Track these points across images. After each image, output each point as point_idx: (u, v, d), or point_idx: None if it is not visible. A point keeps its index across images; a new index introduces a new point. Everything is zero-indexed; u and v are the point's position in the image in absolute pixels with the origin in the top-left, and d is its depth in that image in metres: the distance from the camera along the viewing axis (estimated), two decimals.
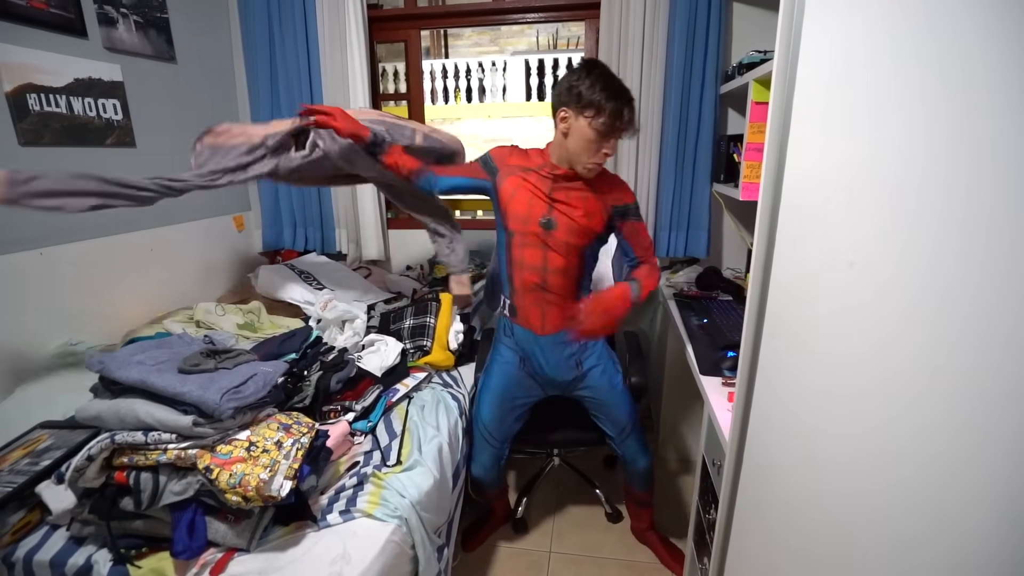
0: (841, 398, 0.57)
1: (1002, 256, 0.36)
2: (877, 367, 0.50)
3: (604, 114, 1.22)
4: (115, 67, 1.86)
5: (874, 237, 0.51)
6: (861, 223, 0.53)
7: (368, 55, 2.38)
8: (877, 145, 0.51)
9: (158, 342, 1.18)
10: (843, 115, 0.57)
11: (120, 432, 0.96)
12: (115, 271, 1.88)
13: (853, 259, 0.53)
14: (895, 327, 0.48)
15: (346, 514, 1.08)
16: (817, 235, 0.62)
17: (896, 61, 0.48)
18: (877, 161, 0.51)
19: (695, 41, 2.08)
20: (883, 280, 0.50)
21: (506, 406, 1.53)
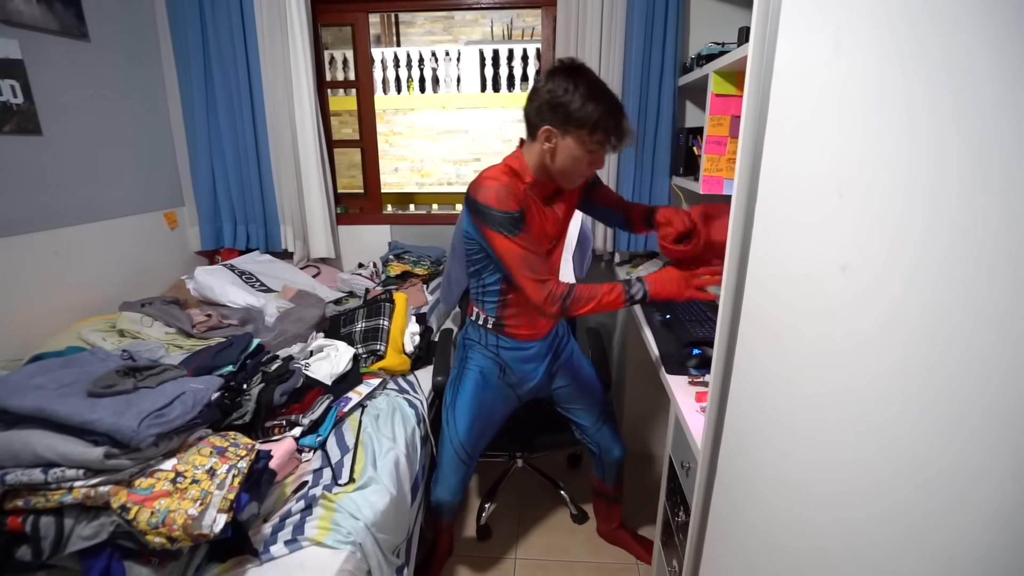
0: (824, 401, 0.53)
1: (996, 255, 0.33)
2: (860, 369, 0.46)
3: (599, 132, 1.09)
4: (11, 43, 1.64)
5: (865, 237, 0.47)
6: (851, 222, 0.48)
7: (312, 38, 2.22)
8: (868, 140, 0.46)
9: (65, 360, 1.03)
10: (830, 106, 0.52)
11: (13, 471, 0.82)
12: (18, 276, 1.66)
13: (846, 262, 0.48)
14: (881, 328, 0.44)
15: (292, 543, 0.98)
16: (802, 233, 0.57)
17: (896, 45, 0.43)
18: (869, 157, 0.46)
19: (654, 32, 2.05)
20: (871, 281, 0.46)
21: (485, 420, 1.44)
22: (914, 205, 0.41)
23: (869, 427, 0.46)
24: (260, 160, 2.32)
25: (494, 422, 1.48)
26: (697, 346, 1.40)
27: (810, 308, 0.56)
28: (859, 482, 0.48)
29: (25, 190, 1.70)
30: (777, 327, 0.64)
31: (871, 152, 0.46)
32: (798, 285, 0.58)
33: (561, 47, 2.13)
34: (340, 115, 6.62)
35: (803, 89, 0.58)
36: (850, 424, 0.49)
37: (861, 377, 0.47)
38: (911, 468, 0.41)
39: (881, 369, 0.44)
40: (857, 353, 0.47)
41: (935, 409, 0.39)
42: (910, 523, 0.41)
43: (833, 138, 0.52)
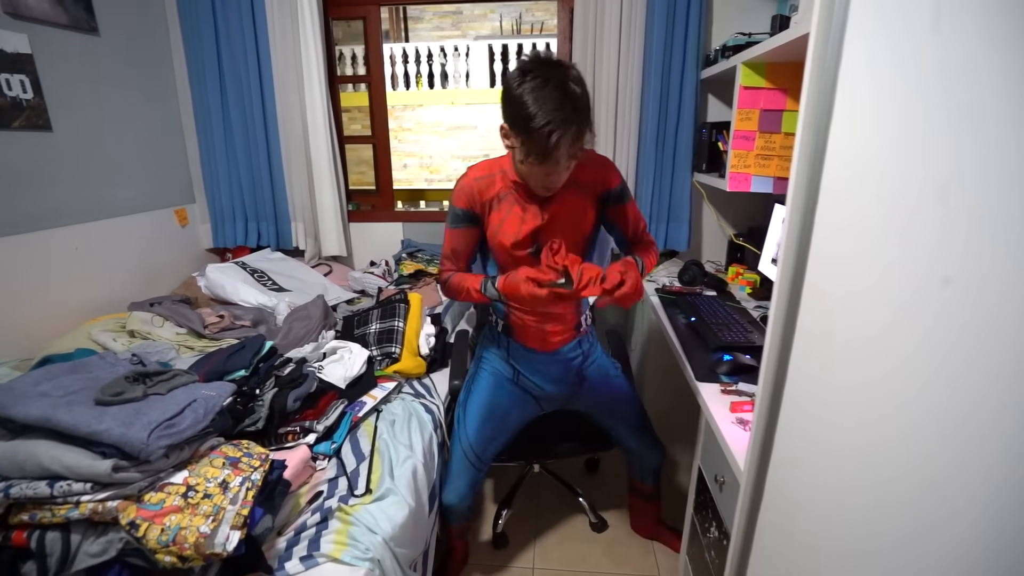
0: (896, 431, 0.47)
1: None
2: (949, 399, 0.40)
3: (532, 138, 0.98)
4: (21, 36, 1.60)
5: (972, 245, 0.41)
6: (956, 231, 0.42)
7: (323, 32, 2.17)
8: (976, 137, 0.40)
9: (72, 365, 0.98)
10: (920, 98, 0.46)
11: (17, 483, 0.77)
12: (30, 274, 1.64)
13: (947, 274, 0.42)
14: (980, 350, 0.38)
15: (308, 560, 0.93)
16: (888, 240, 0.51)
17: (1014, 20, 0.37)
18: (973, 154, 0.40)
19: (675, 23, 1.98)
20: (976, 295, 0.40)
21: (497, 423, 1.39)
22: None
23: (972, 468, 0.40)
24: (271, 156, 2.28)
25: (508, 425, 1.42)
26: (727, 351, 1.34)
27: (895, 325, 0.49)
28: (941, 519, 0.42)
29: (35, 187, 1.67)
30: (846, 343, 0.58)
31: (975, 149, 0.40)
32: (880, 299, 0.52)
33: (578, 40, 2.07)
34: (349, 111, 6.58)
35: (883, 74, 0.52)
36: (945, 465, 0.43)
37: (957, 408, 0.41)
38: (1001, 499, 0.35)
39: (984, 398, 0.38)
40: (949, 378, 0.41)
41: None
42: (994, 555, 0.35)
43: (927, 131, 0.45)
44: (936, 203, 0.44)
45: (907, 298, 0.47)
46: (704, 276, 1.93)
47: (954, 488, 0.43)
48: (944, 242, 0.43)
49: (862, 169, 0.56)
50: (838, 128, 0.60)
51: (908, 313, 0.47)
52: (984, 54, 0.40)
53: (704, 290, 1.87)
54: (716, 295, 1.81)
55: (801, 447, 0.69)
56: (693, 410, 1.28)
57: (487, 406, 1.38)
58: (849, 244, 0.58)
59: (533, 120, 0.96)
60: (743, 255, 2.08)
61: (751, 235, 2.04)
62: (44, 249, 1.68)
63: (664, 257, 2.28)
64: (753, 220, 2.17)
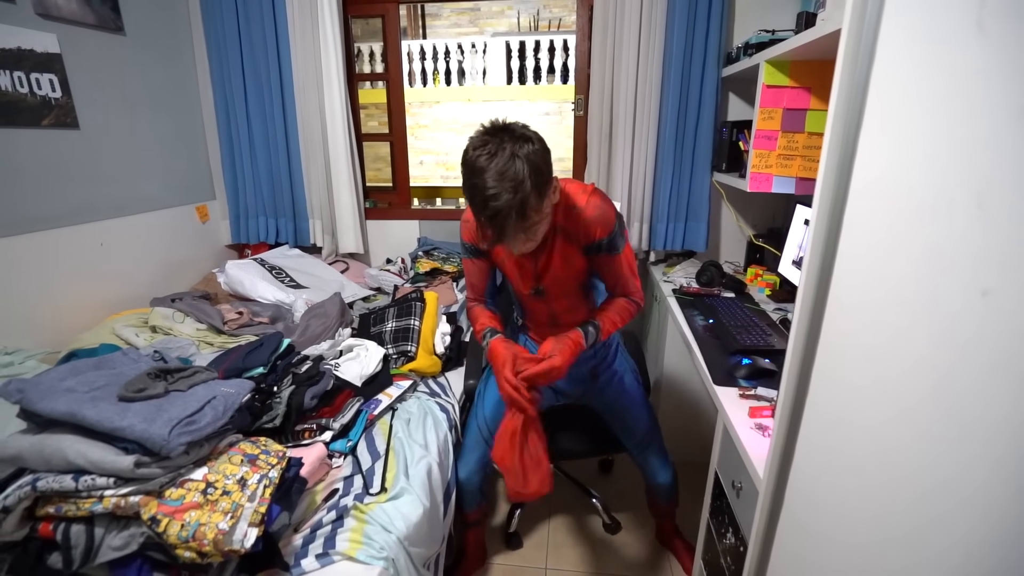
0: (922, 446, 0.45)
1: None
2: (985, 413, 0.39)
3: (480, 223, 0.99)
4: (50, 36, 1.64)
5: (1012, 257, 0.39)
6: (995, 240, 0.40)
7: (342, 30, 2.18)
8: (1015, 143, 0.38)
9: (97, 361, 1.01)
10: (967, 98, 0.44)
11: (44, 476, 0.79)
12: (60, 269, 1.68)
13: (987, 286, 0.40)
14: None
15: (324, 558, 0.94)
16: (922, 251, 0.49)
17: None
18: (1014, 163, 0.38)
19: (696, 20, 1.95)
20: (1016, 308, 0.38)
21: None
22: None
23: (1003, 480, 0.38)
24: (290, 154, 2.30)
25: None
26: (746, 355, 1.32)
27: (927, 338, 0.48)
28: (967, 536, 0.40)
29: (63, 184, 1.71)
30: (874, 355, 0.57)
31: (1015, 154, 0.38)
32: (912, 311, 0.50)
33: (598, 37, 2.05)
34: (367, 108, 6.60)
35: (921, 73, 0.50)
36: (976, 475, 0.41)
37: (990, 423, 0.39)
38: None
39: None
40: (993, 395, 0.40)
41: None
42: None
43: (968, 137, 0.44)
44: (976, 210, 0.42)
45: (950, 308, 0.46)
46: (722, 277, 1.90)
47: (974, 493, 0.41)
48: (983, 253, 0.41)
49: (894, 176, 0.54)
50: (868, 132, 0.58)
51: (945, 324, 0.46)
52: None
53: (722, 291, 1.84)
54: (735, 297, 1.78)
55: (823, 456, 0.67)
56: (710, 415, 1.26)
57: None
58: (877, 254, 0.56)
59: (475, 210, 0.97)
60: (762, 256, 2.04)
61: (771, 236, 2.00)
62: (71, 245, 1.72)
63: (682, 257, 2.25)
64: (773, 221, 2.13)
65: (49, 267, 1.65)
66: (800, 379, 0.72)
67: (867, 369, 0.58)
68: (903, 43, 0.52)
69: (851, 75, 0.59)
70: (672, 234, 2.18)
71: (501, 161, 0.93)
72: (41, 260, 1.62)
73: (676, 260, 2.23)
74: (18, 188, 1.58)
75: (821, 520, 0.68)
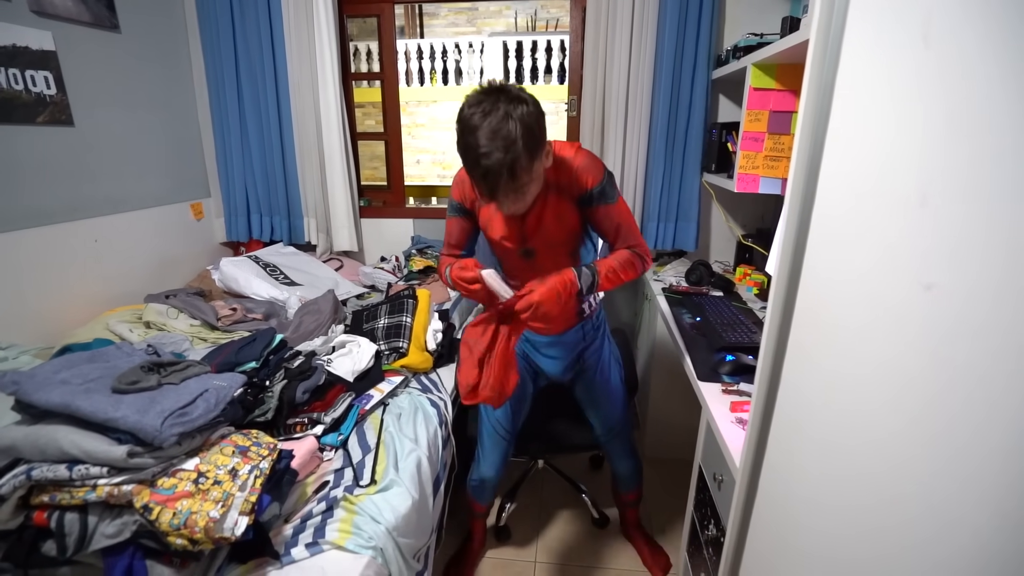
0: (895, 436, 0.48)
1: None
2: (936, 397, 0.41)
3: (473, 180, 1.01)
4: (45, 34, 1.65)
5: (956, 251, 0.41)
6: (939, 236, 0.43)
7: (337, 30, 2.20)
8: (959, 143, 0.41)
9: (91, 354, 1.02)
10: (914, 105, 0.47)
11: (39, 466, 0.81)
12: (54, 265, 1.69)
13: (931, 280, 0.43)
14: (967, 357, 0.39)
15: (313, 547, 0.96)
16: (874, 245, 0.52)
17: (1004, 37, 0.38)
18: (961, 162, 0.41)
19: (687, 23, 1.98)
20: (961, 301, 0.41)
21: (514, 399, 1.39)
22: (1013, 215, 0.36)
23: (946, 470, 0.41)
24: (284, 152, 2.32)
25: (525, 396, 1.45)
26: (730, 352, 1.35)
27: (881, 327, 0.50)
28: (922, 517, 0.43)
29: (58, 181, 1.72)
30: (834, 344, 0.59)
31: (962, 157, 0.41)
32: (866, 301, 0.53)
33: (590, 38, 2.07)
34: (363, 106, 6.62)
35: (878, 82, 0.53)
36: (923, 468, 0.44)
37: (941, 415, 0.42)
38: (990, 505, 0.36)
39: (964, 404, 0.39)
40: (934, 382, 0.42)
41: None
42: (983, 551, 0.36)
43: (916, 139, 0.46)
44: (918, 207, 0.45)
45: (892, 302, 0.48)
46: (711, 276, 1.93)
47: (945, 484, 0.44)
48: (926, 247, 0.44)
49: (855, 170, 0.56)
50: (834, 132, 0.61)
51: (893, 316, 0.48)
52: (970, 67, 0.41)
53: (711, 290, 1.87)
54: (723, 295, 1.81)
55: (794, 444, 0.70)
56: (697, 412, 1.29)
57: None
58: (840, 253, 0.59)
59: (467, 168, 0.99)
60: (751, 256, 2.07)
61: (759, 236, 2.03)
62: (65, 241, 1.73)
63: (672, 257, 2.28)
64: (762, 221, 2.16)
65: (43, 263, 1.66)
66: (772, 373, 0.75)
67: (830, 364, 0.61)
68: (861, 53, 0.55)
69: (818, 80, 0.62)
70: (663, 233, 2.21)
71: (494, 120, 0.93)
72: (35, 256, 1.64)
73: (667, 259, 2.26)
74: (13, 185, 1.59)
75: (791, 506, 0.70)
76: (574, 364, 1.41)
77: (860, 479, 0.54)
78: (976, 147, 0.40)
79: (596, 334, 1.40)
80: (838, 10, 0.59)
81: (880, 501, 0.50)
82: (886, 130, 0.51)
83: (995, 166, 0.38)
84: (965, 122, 0.41)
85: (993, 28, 0.39)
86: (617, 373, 1.47)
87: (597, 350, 1.41)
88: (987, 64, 0.40)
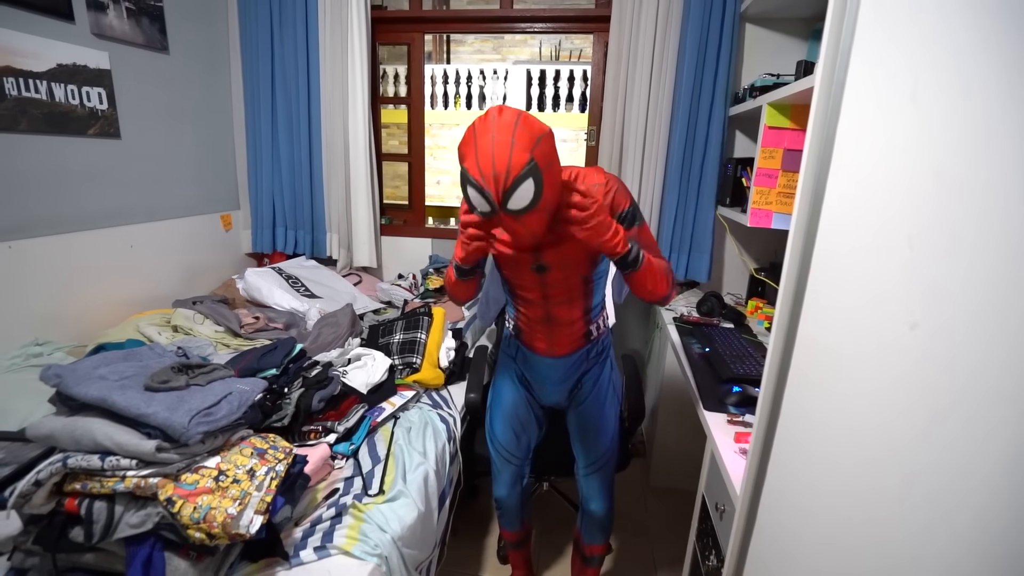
0: (883, 467, 0.50)
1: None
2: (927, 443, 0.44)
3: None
4: (103, 54, 1.78)
5: (940, 294, 0.45)
6: (928, 279, 0.46)
7: (369, 56, 2.31)
8: (946, 194, 0.45)
9: (126, 353, 1.09)
10: (904, 157, 0.51)
11: (74, 455, 0.86)
12: (91, 268, 1.78)
13: (916, 319, 0.46)
14: (959, 394, 0.42)
15: (321, 551, 0.99)
16: (866, 285, 0.55)
17: (985, 98, 0.42)
18: (947, 211, 0.45)
19: (706, 60, 2.04)
20: (945, 341, 0.44)
21: (518, 422, 1.39)
22: (994, 263, 0.39)
23: (936, 507, 0.44)
24: (312, 169, 2.42)
25: (529, 423, 1.40)
26: (738, 383, 1.36)
27: (872, 364, 0.53)
28: (917, 549, 0.45)
29: (102, 189, 1.83)
30: (831, 379, 0.62)
31: (946, 205, 0.45)
32: (859, 338, 0.56)
33: (612, 72, 2.15)
34: (388, 127, 6.84)
35: (873, 134, 0.57)
36: (910, 497, 0.46)
37: (929, 451, 0.45)
38: (979, 539, 0.39)
39: (953, 438, 0.42)
40: (927, 418, 0.45)
41: (1008, 465, 0.36)
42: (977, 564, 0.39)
43: (905, 189, 0.50)
44: (906, 249, 0.48)
45: (884, 339, 0.51)
46: (723, 308, 1.95)
47: (942, 496, 0.46)
48: (910, 288, 0.47)
49: (852, 213, 0.60)
50: (835, 175, 0.65)
51: (886, 353, 0.51)
52: (952, 123, 0.45)
53: (722, 322, 1.89)
54: (733, 327, 1.83)
55: (794, 473, 0.72)
56: (703, 441, 1.30)
57: (504, 407, 1.38)
58: (840, 295, 0.63)
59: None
60: (764, 290, 2.09)
61: (772, 270, 2.05)
62: (104, 246, 1.83)
63: (685, 287, 2.30)
64: (775, 256, 2.19)
65: (83, 266, 1.75)
66: (773, 406, 0.78)
67: (824, 398, 0.64)
68: (859, 107, 0.60)
69: (821, 129, 0.67)
70: (676, 264, 2.24)
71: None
72: (76, 259, 1.73)
73: (679, 289, 2.29)
74: (62, 192, 1.70)
75: (787, 535, 0.72)
76: (572, 389, 1.35)
77: (848, 506, 0.56)
78: (959, 199, 0.44)
79: (598, 360, 1.33)
80: (840, 66, 0.64)
81: (890, 528, 0.53)
82: (879, 179, 0.55)
83: (977, 217, 0.42)
84: (949, 175, 0.45)
85: (976, 88, 0.43)
86: (613, 406, 1.37)
87: (595, 377, 1.33)
88: (968, 121, 0.44)
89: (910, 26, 0.52)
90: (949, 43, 0.47)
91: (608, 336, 1.37)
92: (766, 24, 2.07)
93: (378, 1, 2.47)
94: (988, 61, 0.42)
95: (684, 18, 2.02)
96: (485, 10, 2.39)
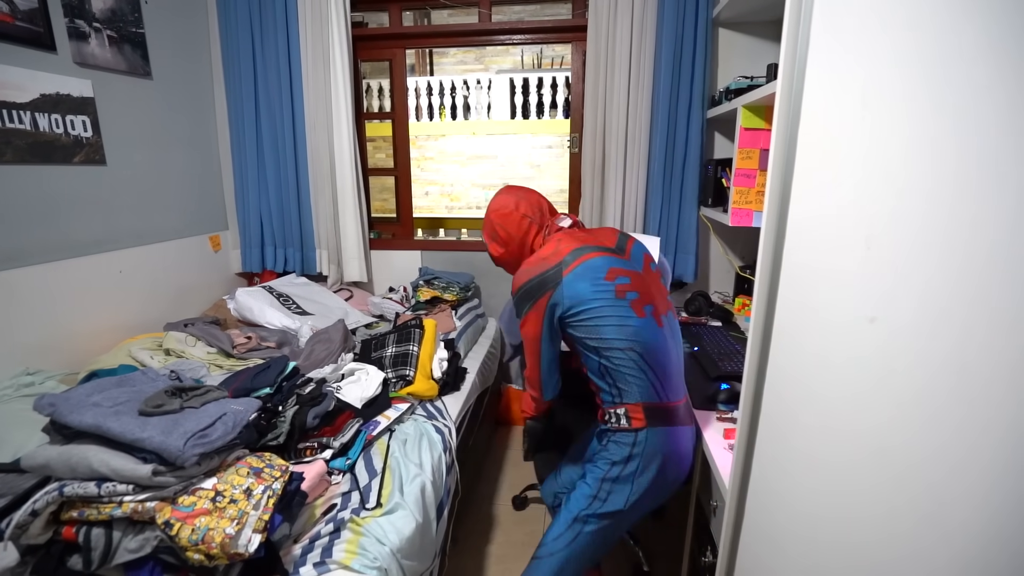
0: (857, 455, 0.53)
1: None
2: (893, 428, 0.46)
3: None
4: (86, 83, 1.79)
5: (895, 289, 0.47)
6: (883, 276, 0.49)
7: (352, 73, 2.34)
8: (894, 194, 0.48)
9: (119, 379, 1.09)
10: (858, 160, 0.54)
11: (70, 483, 0.87)
12: (80, 294, 1.78)
13: (875, 314, 0.49)
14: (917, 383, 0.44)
15: (321, 566, 1.00)
16: (830, 282, 0.58)
17: (929, 103, 0.45)
18: (895, 210, 0.48)
19: (682, 65, 2.09)
20: (900, 334, 0.46)
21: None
22: (941, 259, 0.42)
23: (897, 476, 0.46)
24: (299, 187, 2.44)
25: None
26: (726, 380, 1.39)
27: (837, 357, 0.56)
28: (889, 529, 0.47)
29: (89, 216, 1.84)
30: (804, 371, 0.65)
31: (896, 206, 0.48)
32: (825, 334, 0.58)
33: (591, 80, 2.19)
34: (374, 140, 6.86)
35: (830, 139, 0.60)
36: (882, 477, 0.49)
37: (897, 435, 0.47)
38: (937, 516, 0.41)
39: (914, 429, 0.45)
40: (888, 405, 0.48)
41: (967, 461, 0.39)
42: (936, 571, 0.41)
43: (860, 190, 0.53)
44: (864, 250, 0.51)
45: (839, 331, 0.54)
46: (710, 307, 1.98)
47: (924, 483, 0.49)
48: (868, 284, 0.50)
49: (815, 216, 0.63)
50: (799, 178, 0.68)
51: (837, 346, 0.54)
52: (896, 128, 0.48)
53: (710, 320, 1.92)
54: (721, 326, 1.86)
55: (776, 461, 0.74)
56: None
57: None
58: (808, 293, 0.65)
59: None
60: (750, 287, 2.13)
61: None
62: (93, 272, 1.83)
63: (672, 288, 2.34)
64: None
65: (72, 293, 1.75)
66: (755, 399, 0.80)
67: (798, 391, 0.66)
68: (816, 110, 0.63)
69: (785, 129, 0.70)
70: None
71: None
72: (65, 286, 1.73)
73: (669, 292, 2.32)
74: (49, 220, 1.70)
75: (775, 524, 0.74)
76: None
77: (824, 496, 0.58)
78: (909, 201, 0.47)
79: (600, 455, 1.19)
80: (798, 72, 0.67)
81: (871, 515, 0.55)
82: (838, 181, 0.58)
83: (924, 219, 0.45)
84: (899, 178, 0.48)
85: (919, 93, 0.46)
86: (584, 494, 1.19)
87: (594, 464, 1.20)
88: (912, 125, 0.47)
89: (860, 33, 0.56)
90: (892, 52, 0.50)
91: (631, 446, 1.16)
92: (739, 28, 2.12)
93: (359, 18, 2.50)
94: (932, 69, 0.45)
95: (659, 25, 2.06)
96: (464, 24, 2.42)
